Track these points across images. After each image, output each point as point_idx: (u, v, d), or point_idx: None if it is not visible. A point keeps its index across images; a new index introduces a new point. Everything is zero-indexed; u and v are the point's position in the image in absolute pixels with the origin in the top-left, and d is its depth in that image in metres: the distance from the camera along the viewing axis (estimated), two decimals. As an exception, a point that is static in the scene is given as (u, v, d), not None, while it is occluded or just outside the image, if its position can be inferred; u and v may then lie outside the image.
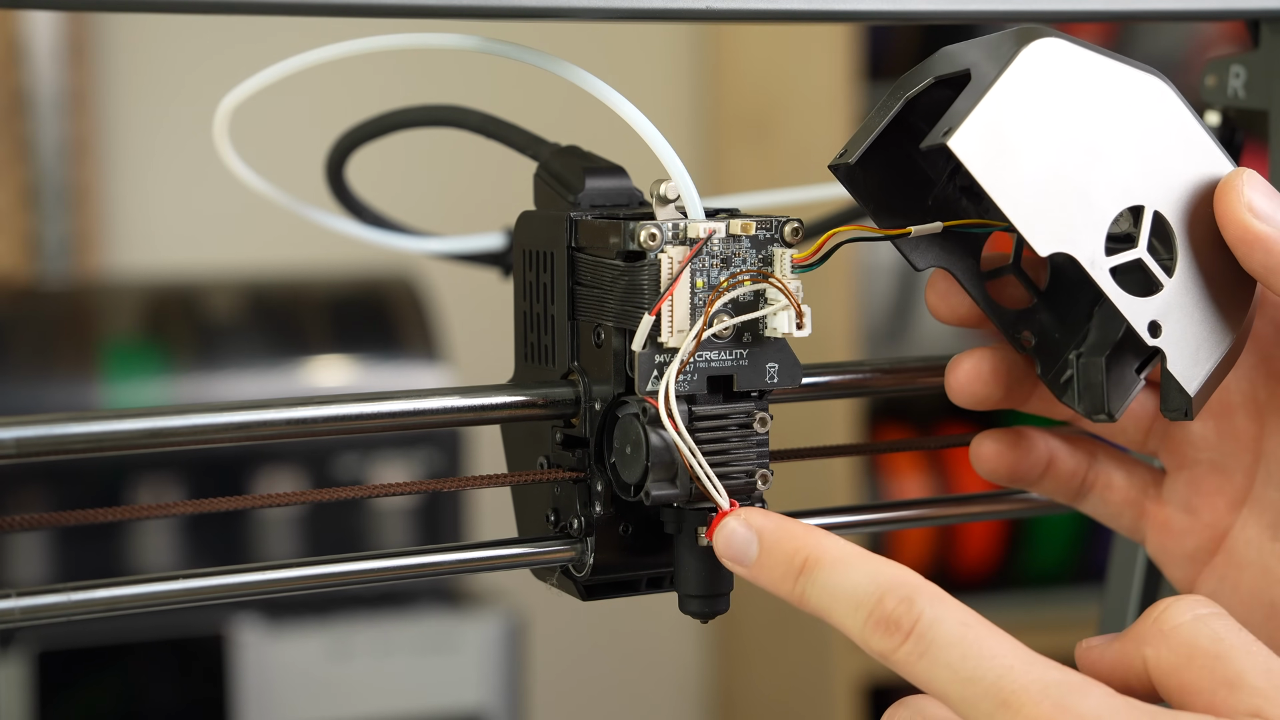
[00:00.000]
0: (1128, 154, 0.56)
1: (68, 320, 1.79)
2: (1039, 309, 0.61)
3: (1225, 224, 0.56)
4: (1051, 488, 0.63)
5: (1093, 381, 0.59)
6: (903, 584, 0.50)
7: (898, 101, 0.57)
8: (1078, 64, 0.56)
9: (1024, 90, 0.55)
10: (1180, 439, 0.62)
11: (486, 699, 1.70)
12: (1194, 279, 0.57)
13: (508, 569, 0.60)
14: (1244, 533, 0.61)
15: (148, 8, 0.54)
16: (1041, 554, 2.20)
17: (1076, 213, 0.55)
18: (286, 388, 1.71)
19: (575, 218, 0.59)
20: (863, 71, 2.10)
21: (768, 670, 2.26)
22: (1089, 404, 0.59)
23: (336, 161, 0.73)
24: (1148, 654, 0.50)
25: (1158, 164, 0.56)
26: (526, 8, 0.56)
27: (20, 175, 2.03)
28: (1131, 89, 0.56)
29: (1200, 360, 0.57)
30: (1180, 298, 0.57)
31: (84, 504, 1.44)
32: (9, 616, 0.53)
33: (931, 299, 0.61)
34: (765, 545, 0.53)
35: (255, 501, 0.57)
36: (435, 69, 2.14)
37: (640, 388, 0.56)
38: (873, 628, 0.50)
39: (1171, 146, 0.57)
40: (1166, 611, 0.50)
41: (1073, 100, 0.55)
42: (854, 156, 0.57)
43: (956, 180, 0.60)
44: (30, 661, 1.56)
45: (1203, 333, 0.57)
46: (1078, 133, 0.55)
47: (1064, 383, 0.60)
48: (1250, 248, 0.56)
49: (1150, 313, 0.56)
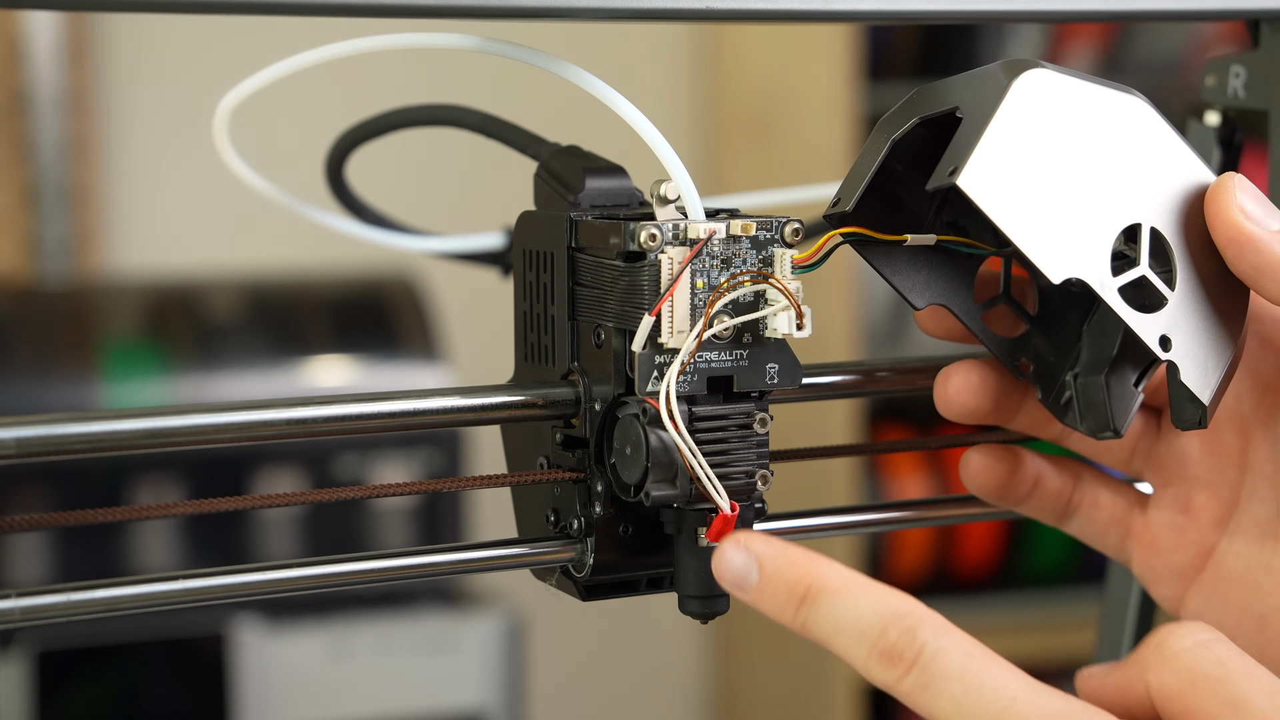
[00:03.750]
0: (1119, 174, 0.57)
1: (68, 320, 1.79)
2: (1032, 335, 0.61)
3: (1216, 226, 0.57)
4: (1037, 507, 0.63)
5: (1094, 400, 0.59)
6: (906, 614, 0.50)
7: (884, 145, 0.58)
8: (1064, 91, 0.56)
9: (1020, 122, 0.55)
10: (1166, 457, 0.62)
11: (486, 699, 1.70)
12: (1195, 289, 0.58)
13: (508, 569, 0.60)
14: (1231, 547, 0.61)
15: (148, 8, 0.54)
16: (1041, 554, 2.20)
17: (1082, 237, 0.56)
18: (286, 388, 1.71)
19: (575, 218, 0.59)
20: (863, 71, 2.10)
21: (768, 670, 2.26)
22: (1092, 423, 0.59)
23: (336, 161, 0.73)
24: (1150, 680, 0.50)
25: (1147, 181, 0.57)
26: (526, 8, 0.56)
27: (20, 175, 2.03)
28: (1115, 111, 0.57)
29: (1210, 369, 0.58)
30: (1184, 309, 0.57)
31: (84, 504, 1.44)
32: (9, 616, 0.53)
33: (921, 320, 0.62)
34: (766, 573, 0.53)
35: (255, 501, 0.56)
36: (435, 69, 2.14)
37: (640, 388, 0.56)
38: (876, 658, 0.50)
39: (1157, 162, 0.57)
40: (1169, 638, 0.50)
41: (1064, 127, 0.56)
42: (850, 204, 0.58)
43: (943, 216, 0.61)
44: (30, 661, 1.56)
45: (1209, 341, 0.58)
46: (1072, 158, 0.56)
47: (1064, 404, 0.60)
48: (1241, 248, 0.56)
49: (1159, 327, 0.57)
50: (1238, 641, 0.51)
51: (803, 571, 0.52)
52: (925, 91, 0.58)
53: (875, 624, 0.50)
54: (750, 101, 2.27)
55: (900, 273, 0.60)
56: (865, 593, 0.51)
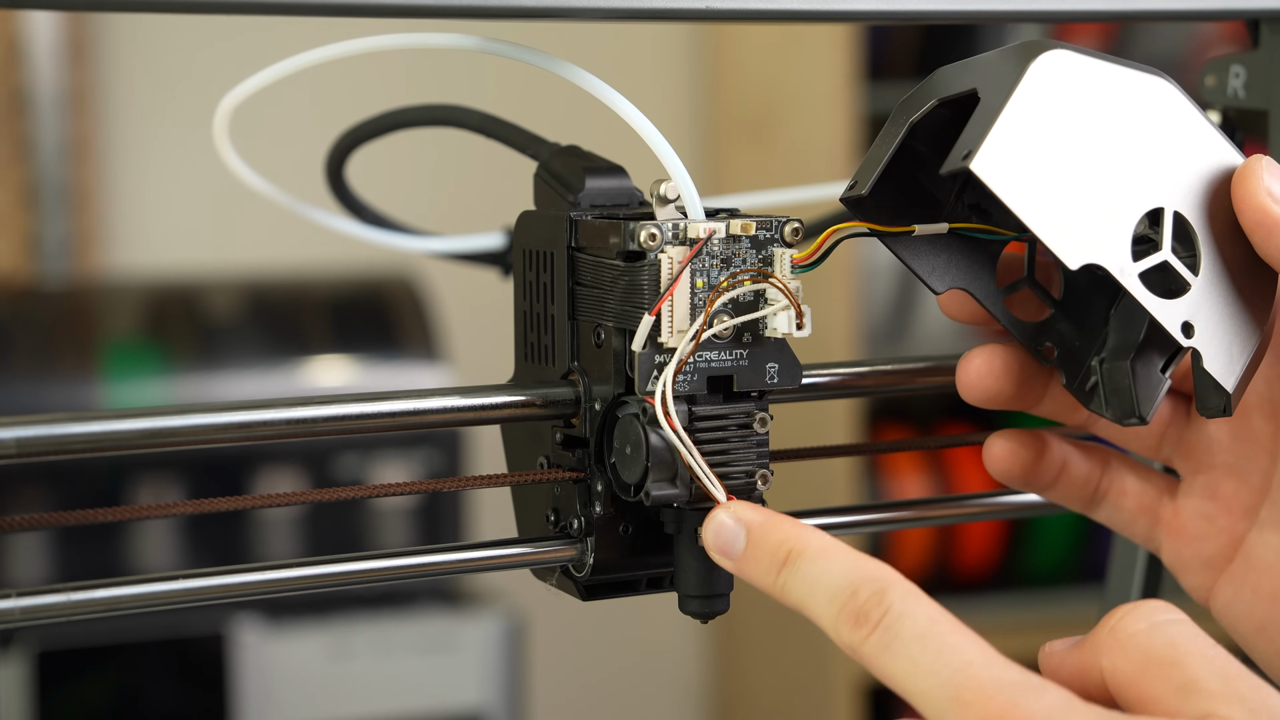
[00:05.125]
0: (1141, 157, 0.56)
1: (68, 320, 1.79)
2: (1057, 319, 0.60)
3: (1243, 209, 0.56)
4: (1064, 494, 0.62)
5: (1120, 386, 0.59)
6: (877, 578, 0.50)
7: (902, 128, 0.57)
8: (1084, 73, 0.55)
9: (1037, 105, 0.54)
10: (1195, 443, 0.61)
11: (486, 699, 1.70)
12: (1219, 275, 0.57)
13: (508, 569, 0.60)
14: (1261, 535, 0.60)
15: (148, 8, 0.54)
16: (1041, 554, 2.20)
17: (1101, 222, 0.55)
18: (286, 388, 1.71)
19: (575, 218, 0.59)
20: (863, 71, 2.10)
21: (768, 670, 2.25)
22: (1118, 409, 0.59)
23: (336, 161, 0.73)
24: (1104, 664, 0.50)
25: (1171, 164, 0.56)
26: (526, 8, 0.56)
27: (20, 175, 2.03)
28: (1138, 92, 0.56)
29: (1235, 356, 0.57)
30: (1208, 295, 0.57)
31: (84, 504, 1.44)
32: (9, 616, 0.53)
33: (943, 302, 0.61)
34: (752, 538, 0.53)
35: (255, 501, 0.56)
36: (435, 69, 2.14)
37: (640, 388, 0.56)
38: (845, 619, 0.50)
39: (1182, 145, 0.56)
40: (1123, 620, 0.50)
41: (1084, 109, 0.55)
42: (865, 188, 0.57)
43: (965, 199, 0.59)
44: (30, 661, 1.56)
45: (1234, 328, 0.57)
46: (1092, 141, 0.55)
47: (1089, 390, 0.59)
48: (1269, 232, 0.56)
49: (1182, 314, 0.56)
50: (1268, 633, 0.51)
51: (785, 535, 0.52)
52: (945, 73, 0.57)
53: (846, 586, 0.50)
54: (750, 101, 2.27)
55: (919, 257, 0.59)
56: (842, 557, 0.51)
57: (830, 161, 2.09)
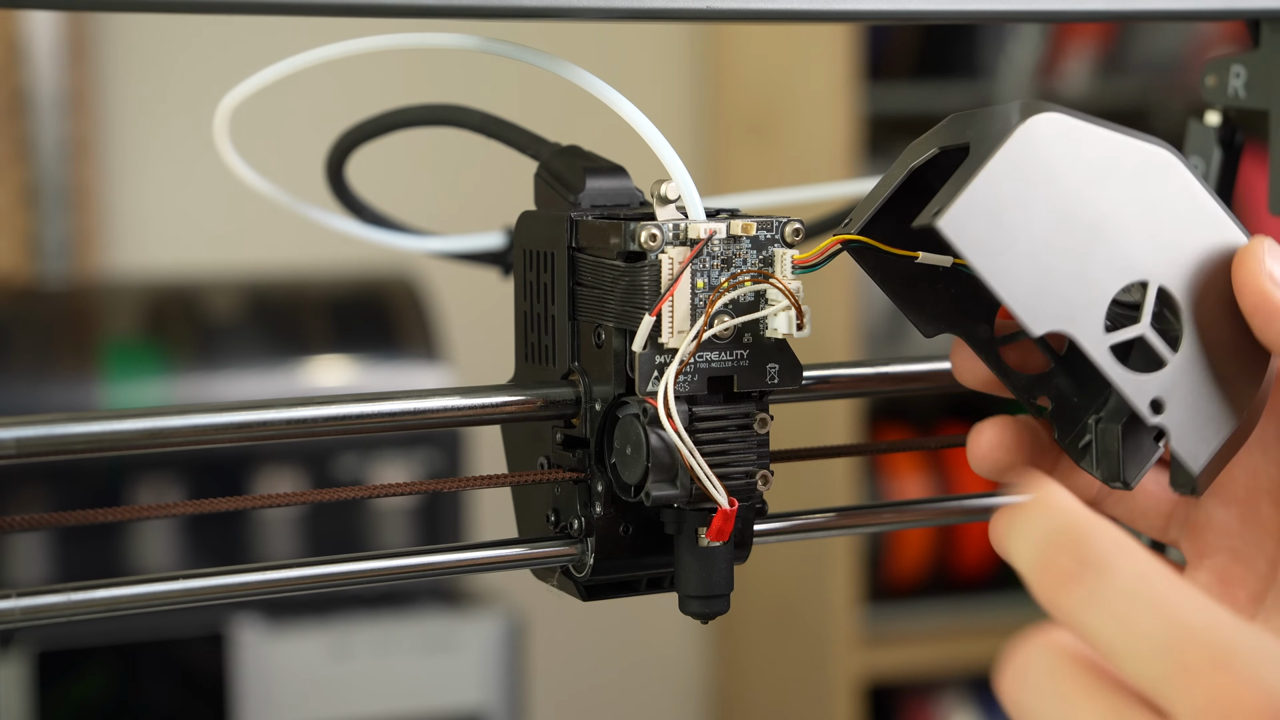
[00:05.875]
0: (1132, 228, 0.55)
1: (68, 320, 1.79)
2: (1056, 373, 0.59)
3: (1244, 292, 0.55)
4: None
5: (1109, 449, 0.57)
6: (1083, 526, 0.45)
7: (903, 172, 0.56)
8: (1078, 137, 0.54)
9: (1020, 166, 0.53)
10: (1202, 526, 0.60)
11: (486, 699, 1.70)
12: (1200, 354, 0.55)
13: (508, 569, 0.60)
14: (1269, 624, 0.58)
15: (148, 8, 0.54)
16: (1041, 554, 2.20)
17: (1074, 290, 0.54)
18: (286, 388, 1.71)
19: (576, 218, 0.59)
20: (863, 71, 2.10)
21: (768, 670, 2.25)
22: (1106, 471, 0.58)
23: (336, 161, 0.73)
24: None
25: (1164, 237, 0.55)
26: (526, 8, 0.56)
27: (20, 175, 2.03)
28: (1135, 160, 0.55)
29: (1206, 438, 0.55)
30: (1186, 374, 0.55)
31: (84, 504, 1.44)
32: (9, 616, 0.52)
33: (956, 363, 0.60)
34: None
35: (255, 501, 0.56)
36: (435, 69, 2.14)
37: (641, 388, 0.56)
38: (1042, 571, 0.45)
39: (1179, 218, 0.55)
40: None
41: (1073, 175, 0.54)
42: (856, 228, 0.56)
43: None
44: (30, 661, 1.56)
45: (1209, 409, 0.56)
46: (1078, 208, 0.54)
47: (1082, 448, 0.58)
48: (1269, 317, 0.54)
49: (1153, 390, 0.55)
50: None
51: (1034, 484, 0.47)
52: (953, 120, 0.56)
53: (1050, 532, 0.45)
54: (750, 101, 2.27)
55: (908, 297, 0.59)
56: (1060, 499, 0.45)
57: (830, 161, 2.09)
